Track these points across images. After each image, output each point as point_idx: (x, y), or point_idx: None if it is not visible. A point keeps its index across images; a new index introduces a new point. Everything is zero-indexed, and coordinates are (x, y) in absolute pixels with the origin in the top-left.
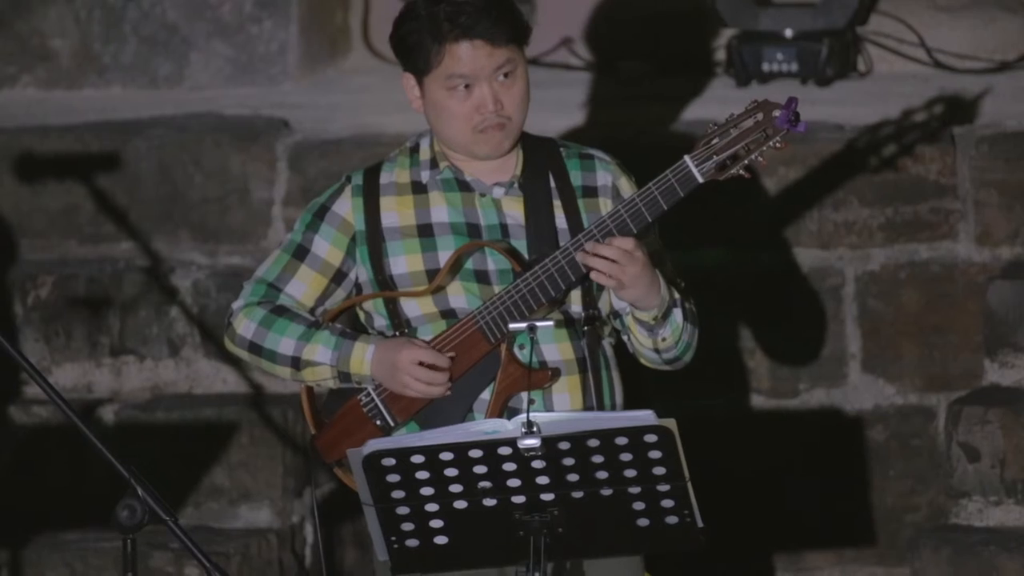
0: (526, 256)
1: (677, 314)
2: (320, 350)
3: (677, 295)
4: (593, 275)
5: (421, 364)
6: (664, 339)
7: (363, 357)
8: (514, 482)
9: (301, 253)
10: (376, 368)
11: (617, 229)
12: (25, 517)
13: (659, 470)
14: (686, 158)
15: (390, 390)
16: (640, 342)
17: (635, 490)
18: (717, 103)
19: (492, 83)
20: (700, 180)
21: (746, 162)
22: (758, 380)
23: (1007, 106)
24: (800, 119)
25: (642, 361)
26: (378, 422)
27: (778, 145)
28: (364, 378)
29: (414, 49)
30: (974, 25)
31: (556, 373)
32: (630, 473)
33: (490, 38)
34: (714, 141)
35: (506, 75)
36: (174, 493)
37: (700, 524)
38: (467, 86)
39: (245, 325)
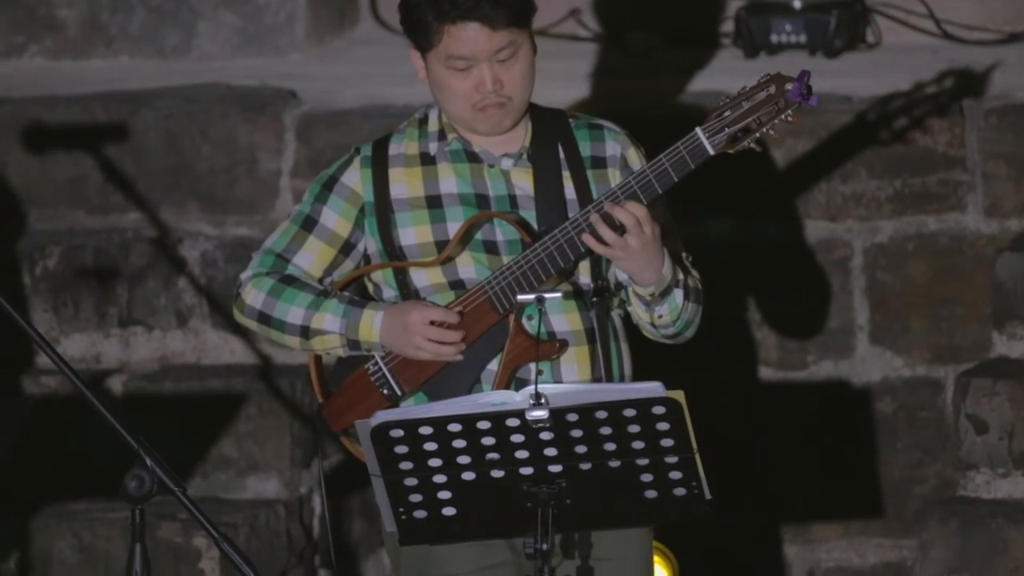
0: (535, 227)
1: (677, 294)
2: (329, 318)
3: (680, 275)
4: (588, 239)
5: (432, 323)
6: (660, 316)
7: (372, 324)
8: (522, 453)
9: (309, 224)
10: (386, 333)
11: (627, 201)
12: (34, 487)
13: (667, 442)
14: (697, 130)
15: (399, 358)
16: (638, 315)
17: (643, 462)
18: (725, 74)
19: (492, 63)
20: (711, 152)
21: (758, 135)
22: (766, 352)
23: (1016, 78)
24: (812, 92)
25: (644, 333)
26: (385, 391)
27: (790, 119)
28: (373, 345)
29: (416, 26)
30: None
31: (564, 345)
32: (638, 445)
33: (489, 21)
34: (726, 113)
35: (507, 56)
36: (182, 464)
37: (708, 495)
38: (467, 66)
39: (254, 295)
